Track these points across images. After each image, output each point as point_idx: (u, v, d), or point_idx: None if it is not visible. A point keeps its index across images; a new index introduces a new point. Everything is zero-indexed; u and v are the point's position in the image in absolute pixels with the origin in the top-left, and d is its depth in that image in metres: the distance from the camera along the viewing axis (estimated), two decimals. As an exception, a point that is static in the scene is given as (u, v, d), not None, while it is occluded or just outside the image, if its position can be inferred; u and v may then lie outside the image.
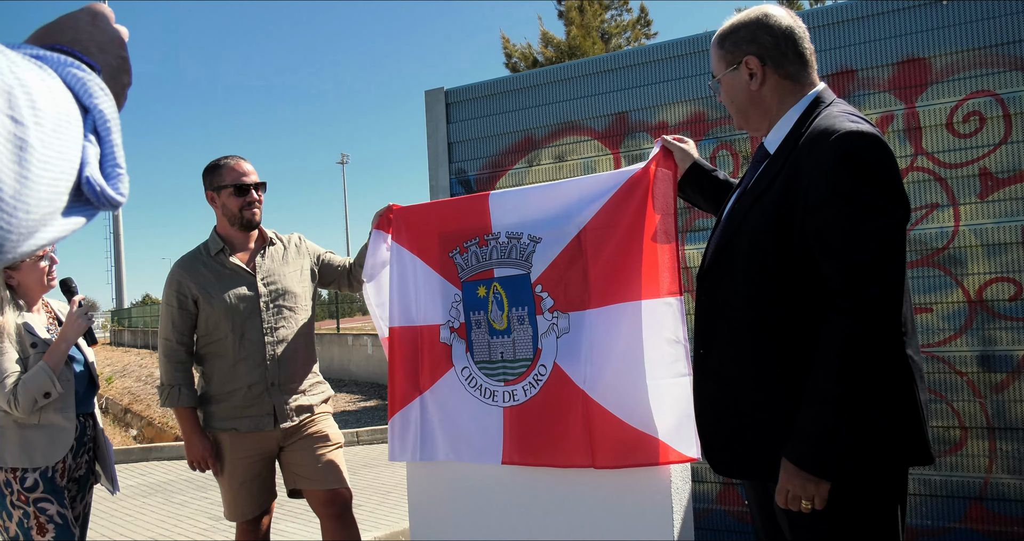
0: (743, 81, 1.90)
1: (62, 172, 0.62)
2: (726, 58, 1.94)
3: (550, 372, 2.65)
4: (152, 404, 16.32)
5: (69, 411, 2.82)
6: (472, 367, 2.81)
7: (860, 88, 3.36)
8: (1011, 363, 3.05)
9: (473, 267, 2.79)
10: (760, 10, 1.91)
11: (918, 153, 3.24)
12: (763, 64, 1.87)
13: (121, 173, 0.69)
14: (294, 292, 3.16)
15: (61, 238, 0.65)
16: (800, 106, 1.87)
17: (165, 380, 3.09)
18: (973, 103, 3.14)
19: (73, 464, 2.87)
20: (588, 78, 4.07)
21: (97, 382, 3.05)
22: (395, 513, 5.81)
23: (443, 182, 4.45)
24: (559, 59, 15.48)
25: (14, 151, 0.55)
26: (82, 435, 2.91)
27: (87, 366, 3.00)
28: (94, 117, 0.68)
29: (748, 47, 1.88)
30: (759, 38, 1.87)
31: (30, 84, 0.59)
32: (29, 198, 0.57)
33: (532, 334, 2.69)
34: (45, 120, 0.59)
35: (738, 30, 1.91)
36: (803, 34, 1.90)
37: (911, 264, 3.22)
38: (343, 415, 11.89)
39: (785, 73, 1.88)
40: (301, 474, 3.11)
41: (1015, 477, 3.04)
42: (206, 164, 3.17)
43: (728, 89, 1.96)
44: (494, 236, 2.74)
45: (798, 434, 1.70)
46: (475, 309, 2.79)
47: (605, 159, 4.00)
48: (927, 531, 3.19)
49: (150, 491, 7.13)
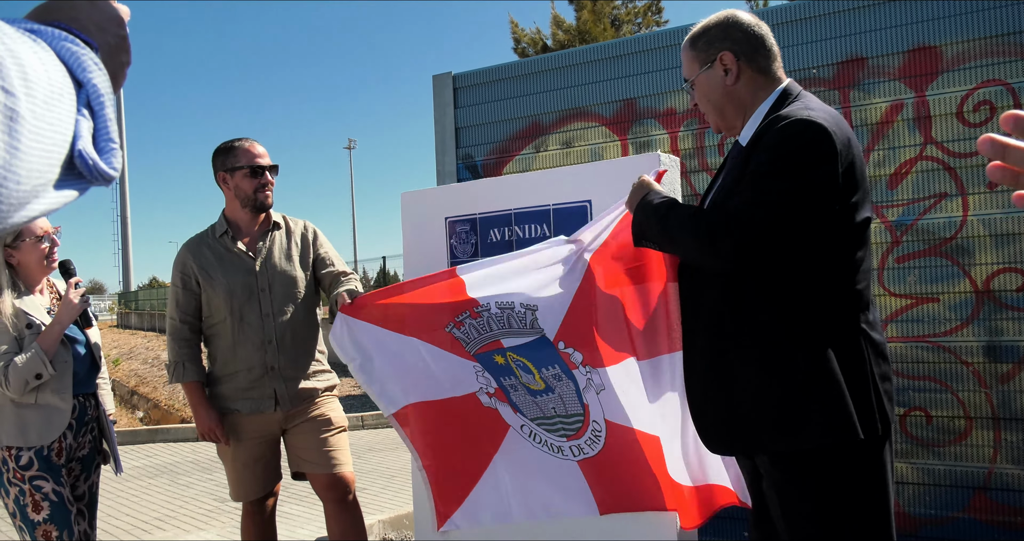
0: (718, 77, 1.99)
1: (53, 144, 0.61)
2: (699, 57, 2.02)
3: (605, 428, 2.48)
4: (158, 386, 16.40)
5: (66, 392, 2.83)
6: (529, 424, 2.63)
7: (870, 76, 3.34)
8: (1017, 354, 3.04)
9: (476, 340, 2.57)
10: (726, 12, 2.02)
11: (927, 142, 3.22)
12: (737, 59, 1.96)
13: (114, 148, 0.69)
14: (295, 277, 3.16)
15: (52, 210, 0.65)
16: (770, 100, 1.96)
17: (171, 358, 3.13)
18: (984, 92, 3.12)
19: (74, 443, 2.88)
20: (596, 64, 4.05)
21: (99, 363, 3.05)
22: (399, 497, 5.85)
23: (450, 167, 4.44)
24: (570, 42, 15.41)
25: (3, 122, 0.55)
26: (82, 415, 2.91)
27: (89, 347, 3.00)
28: (87, 91, 0.67)
29: (721, 44, 1.97)
30: (731, 35, 1.97)
31: (22, 55, 0.59)
32: (19, 169, 0.57)
33: (575, 388, 2.49)
34: (37, 91, 0.59)
35: (709, 30, 2.01)
36: (768, 31, 2.01)
37: (918, 254, 3.21)
38: (348, 399, 11.94)
39: (757, 67, 1.97)
40: (304, 457, 3.13)
41: (1019, 467, 3.04)
42: (216, 147, 3.17)
43: (703, 88, 2.03)
44: (484, 307, 2.49)
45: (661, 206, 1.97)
46: (503, 375, 2.58)
47: (613, 145, 3.99)
48: (931, 520, 3.19)
49: (156, 472, 7.18)
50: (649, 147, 3.87)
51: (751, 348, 1.85)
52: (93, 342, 3.03)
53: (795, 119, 1.78)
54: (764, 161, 1.79)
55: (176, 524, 5.44)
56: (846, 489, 1.80)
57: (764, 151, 1.80)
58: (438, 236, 3.21)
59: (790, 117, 1.79)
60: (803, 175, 1.75)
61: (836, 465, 1.79)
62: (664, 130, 3.84)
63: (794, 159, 1.76)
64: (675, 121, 3.82)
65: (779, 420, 1.80)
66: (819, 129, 1.75)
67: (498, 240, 3.04)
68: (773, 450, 1.85)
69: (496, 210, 3.04)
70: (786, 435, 1.79)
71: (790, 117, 1.79)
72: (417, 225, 3.31)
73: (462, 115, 4.45)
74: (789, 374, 1.80)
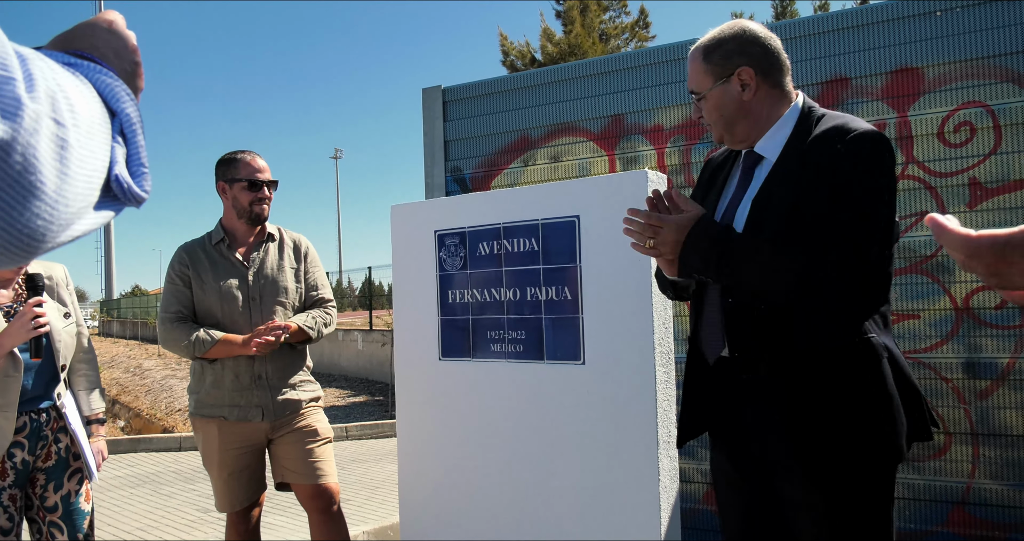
0: (735, 92, 1.93)
1: (95, 169, 0.67)
2: (714, 71, 1.95)
3: None
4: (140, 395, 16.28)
5: (9, 410, 2.64)
6: None
7: (854, 96, 3.40)
8: (995, 370, 3.10)
9: None
10: (739, 24, 1.96)
11: (909, 161, 3.28)
12: (756, 75, 1.91)
13: (145, 172, 0.76)
14: (286, 288, 3.20)
15: (92, 230, 0.71)
16: (793, 112, 1.93)
17: (183, 338, 3.05)
18: (964, 113, 3.19)
19: (29, 458, 2.72)
20: (585, 79, 4.10)
21: (59, 374, 2.83)
22: (384, 508, 5.84)
23: (439, 180, 4.47)
24: (559, 56, 15.51)
25: (56, 150, 0.61)
26: (37, 431, 2.73)
27: (51, 355, 2.78)
28: (121, 120, 0.74)
29: (739, 59, 1.91)
30: (748, 50, 1.92)
31: (68, 89, 0.65)
32: (68, 193, 0.63)
33: None
34: (81, 122, 0.65)
35: (725, 43, 1.94)
36: (780, 47, 1.97)
37: (899, 271, 3.27)
38: (332, 410, 11.90)
39: (773, 82, 1.93)
40: (289, 468, 3.13)
41: (997, 482, 3.09)
42: (208, 154, 3.31)
43: (715, 101, 1.96)
44: None
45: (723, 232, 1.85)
46: None
47: (600, 161, 4.04)
48: (910, 534, 3.23)
49: (138, 482, 7.13)
50: (636, 163, 3.92)
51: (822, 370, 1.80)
52: (58, 352, 2.80)
53: (864, 131, 1.77)
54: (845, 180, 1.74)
55: (159, 534, 5.40)
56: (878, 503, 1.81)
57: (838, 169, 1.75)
58: (427, 249, 3.24)
59: (854, 129, 1.78)
60: (892, 186, 1.78)
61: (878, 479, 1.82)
62: (651, 146, 3.89)
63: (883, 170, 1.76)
64: (662, 137, 3.87)
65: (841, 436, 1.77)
66: (885, 141, 1.77)
67: (487, 254, 3.07)
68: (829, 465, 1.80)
69: (485, 224, 3.07)
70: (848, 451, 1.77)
71: (854, 129, 1.78)
72: (406, 238, 3.34)
73: (451, 128, 4.48)
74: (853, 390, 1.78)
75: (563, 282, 2.86)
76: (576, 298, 2.83)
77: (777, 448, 1.85)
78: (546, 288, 2.90)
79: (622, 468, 2.70)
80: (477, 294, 3.10)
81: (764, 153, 1.94)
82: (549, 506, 2.88)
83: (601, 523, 2.71)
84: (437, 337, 3.22)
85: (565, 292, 2.85)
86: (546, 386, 2.90)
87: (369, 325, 17.18)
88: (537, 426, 2.92)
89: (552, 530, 2.85)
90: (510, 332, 3.00)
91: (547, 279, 2.90)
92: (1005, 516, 3.08)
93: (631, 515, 2.66)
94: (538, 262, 2.92)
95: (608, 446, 2.74)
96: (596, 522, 2.73)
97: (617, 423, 2.72)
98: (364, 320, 18.15)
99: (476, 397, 3.09)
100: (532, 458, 2.93)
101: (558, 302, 2.87)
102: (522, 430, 2.96)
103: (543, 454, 2.90)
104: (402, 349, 3.36)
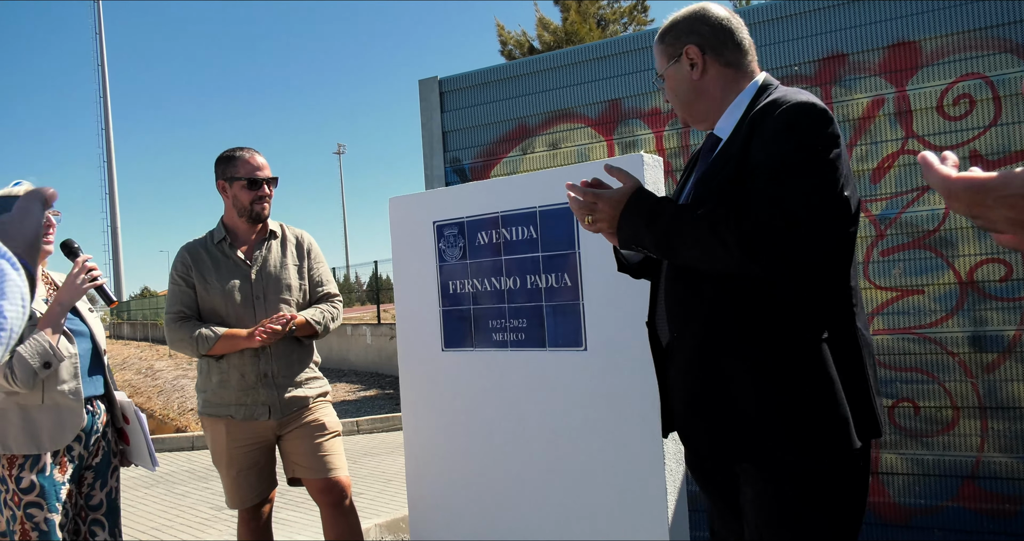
0: (685, 72, 1.94)
1: None
2: (667, 52, 1.97)
3: None
4: (152, 396, 16.37)
5: (76, 396, 2.61)
6: None
7: (851, 72, 3.37)
8: (1002, 343, 3.08)
9: None
10: (697, 5, 1.97)
11: (909, 136, 3.26)
12: (703, 53, 1.91)
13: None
14: (289, 285, 3.19)
15: None
16: (748, 92, 1.90)
17: (187, 336, 3.05)
18: (963, 86, 3.16)
19: (84, 453, 2.69)
20: (581, 65, 4.08)
21: (103, 359, 2.80)
22: (396, 500, 5.86)
23: (438, 171, 4.47)
24: (556, 44, 15.45)
25: None
26: (89, 424, 2.70)
27: (95, 343, 2.75)
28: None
29: (688, 38, 1.93)
30: (697, 29, 1.92)
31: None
32: None
33: None
34: None
35: (677, 24, 1.96)
36: (740, 25, 1.95)
37: (902, 246, 3.25)
38: (343, 405, 11.94)
39: (725, 61, 1.92)
40: (299, 463, 3.14)
41: (1006, 455, 3.08)
42: (212, 153, 3.24)
43: (672, 82, 1.98)
44: None
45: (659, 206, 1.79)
46: None
47: (599, 146, 4.02)
48: (920, 510, 3.23)
49: (152, 482, 7.17)
50: (635, 147, 3.90)
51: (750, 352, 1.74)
52: (98, 337, 2.77)
53: (797, 102, 1.70)
54: (772, 153, 1.68)
55: (173, 533, 5.44)
56: (832, 497, 1.72)
57: (768, 142, 1.69)
58: (426, 240, 3.24)
59: (788, 101, 1.71)
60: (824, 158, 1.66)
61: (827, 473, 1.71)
62: (649, 130, 3.87)
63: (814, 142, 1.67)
64: (660, 120, 3.85)
65: (777, 428, 1.70)
66: (823, 111, 1.69)
67: (486, 243, 3.06)
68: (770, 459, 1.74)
69: (483, 213, 3.06)
70: (786, 443, 1.70)
71: (788, 101, 1.71)
72: (405, 229, 3.33)
73: (449, 119, 4.47)
74: (788, 379, 1.70)
75: (563, 269, 2.85)
76: (576, 284, 2.82)
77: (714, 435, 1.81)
78: (546, 275, 2.90)
79: (628, 452, 2.70)
80: (477, 284, 3.09)
81: (720, 134, 1.91)
82: (555, 491, 2.88)
83: (608, 507, 2.71)
84: (439, 328, 3.22)
85: (565, 279, 2.85)
86: (549, 373, 2.89)
87: (377, 319, 17.21)
88: (541, 413, 2.92)
89: (559, 515, 2.86)
90: (511, 321, 2.99)
91: (547, 266, 2.89)
92: (1016, 489, 3.06)
93: (637, 498, 2.66)
94: (537, 250, 2.92)
95: (613, 430, 2.73)
96: (603, 506, 2.73)
97: (621, 407, 2.71)
98: (373, 315, 18.19)
99: (479, 386, 3.10)
100: (537, 444, 2.93)
101: (558, 289, 2.87)
102: (526, 417, 2.96)
103: (548, 440, 2.90)
104: (405, 342, 3.37)
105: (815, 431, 1.68)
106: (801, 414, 1.69)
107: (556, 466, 2.88)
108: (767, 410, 1.72)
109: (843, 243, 1.72)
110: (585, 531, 2.78)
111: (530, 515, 2.95)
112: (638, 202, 1.81)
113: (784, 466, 1.72)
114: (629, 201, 1.82)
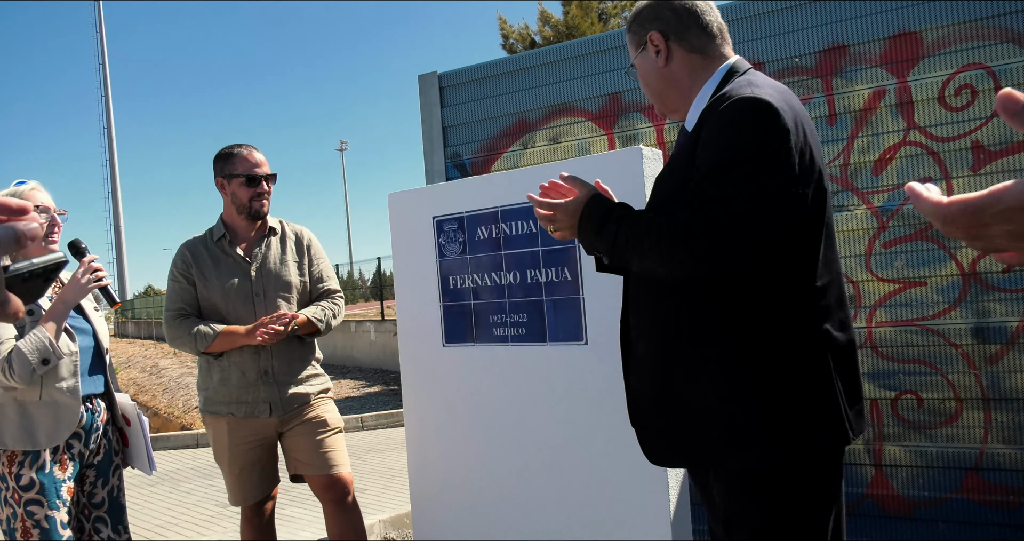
0: (651, 60, 1.88)
1: None
2: (634, 40, 1.93)
3: None
4: (157, 394, 16.41)
5: (74, 394, 2.61)
6: None
7: (852, 63, 3.35)
8: (1005, 334, 3.07)
9: None
10: None
11: (911, 127, 3.24)
12: (666, 39, 1.85)
13: None
14: (290, 282, 3.18)
15: None
16: (714, 79, 1.83)
17: (186, 333, 3.05)
18: (965, 76, 3.14)
19: (84, 451, 2.70)
20: (581, 59, 4.06)
21: (105, 357, 2.81)
22: (400, 496, 5.87)
23: (438, 166, 4.45)
24: (557, 38, 15.41)
25: None
26: (91, 421, 2.71)
27: (97, 341, 2.76)
28: None
29: (651, 24, 1.87)
30: (660, 14, 1.87)
31: None
32: None
33: None
34: None
35: (641, 11, 1.91)
36: (706, 9, 1.88)
37: (904, 238, 3.23)
38: (347, 401, 11.96)
39: (690, 46, 1.85)
40: (301, 460, 3.14)
41: (1010, 447, 3.07)
42: (214, 150, 3.20)
43: (641, 71, 1.93)
44: None
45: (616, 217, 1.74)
46: None
47: (599, 140, 4.01)
48: (924, 502, 3.22)
49: (157, 480, 7.19)
50: (636, 140, 3.89)
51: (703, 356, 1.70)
52: (100, 336, 2.77)
53: (737, 98, 1.63)
54: (713, 152, 1.62)
55: (178, 530, 5.45)
56: (797, 501, 1.68)
57: (710, 141, 1.64)
58: (426, 236, 3.23)
59: (733, 96, 1.65)
60: (766, 155, 1.59)
61: (790, 477, 1.67)
62: (650, 123, 3.86)
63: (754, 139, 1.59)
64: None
65: (730, 435, 1.66)
66: (767, 105, 1.60)
67: (485, 238, 3.06)
68: (725, 466, 1.71)
69: (483, 208, 3.06)
70: (738, 450, 1.66)
71: (733, 96, 1.65)
72: (405, 225, 3.33)
73: (449, 114, 4.46)
74: (743, 384, 1.65)
75: (563, 263, 2.84)
76: (576, 278, 2.81)
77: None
78: (546, 270, 2.89)
79: (629, 445, 2.69)
80: (477, 279, 3.09)
81: (688, 125, 1.85)
82: (557, 486, 2.88)
83: (610, 501, 2.71)
84: (440, 324, 3.21)
85: (565, 273, 2.84)
86: (550, 367, 2.89)
87: (381, 315, 17.22)
88: (542, 407, 2.91)
89: (561, 509, 2.85)
90: (512, 315, 2.99)
91: (547, 261, 2.89)
92: (1019, 480, 3.05)
93: (640, 491, 2.66)
94: (537, 244, 2.91)
95: (614, 424, 2.73)
96: (605, 500, 2.72)
97: (622, 400, 2.70)
98: (377, 311, 18.19)
99: (481, 381, 3.09)
100: (538, 439, 2.93)
101: (558, 283, 2.86)
102: (527, 411, 2.96)
103: (549, 434, 2.90)
104: (406, 337, 3.36)
105: (760, 436, 1.64)
106: (746, 419, 1.65)
107: (558, 459, 2.88)
108: (712, 416, 1.68)
109: (794, 242, 1.64)
110: (587, 525, 2.78)
111: (532, 509, 2.95)
112: (590, 211, 1.78)
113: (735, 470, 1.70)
114: (583, 211, 1.80)
